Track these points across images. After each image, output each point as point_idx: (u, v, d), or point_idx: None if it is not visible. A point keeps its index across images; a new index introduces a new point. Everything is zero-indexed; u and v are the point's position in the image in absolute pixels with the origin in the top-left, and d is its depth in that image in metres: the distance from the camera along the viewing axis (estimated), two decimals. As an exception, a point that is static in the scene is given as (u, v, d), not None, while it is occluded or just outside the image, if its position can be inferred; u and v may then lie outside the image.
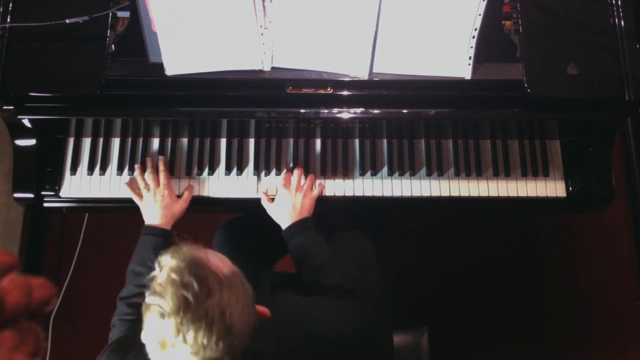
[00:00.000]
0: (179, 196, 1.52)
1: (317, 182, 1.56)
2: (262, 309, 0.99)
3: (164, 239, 1.42)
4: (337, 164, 1.57)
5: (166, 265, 0.90)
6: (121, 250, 2.29)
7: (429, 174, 1.57)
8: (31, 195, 1.51)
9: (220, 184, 1.56)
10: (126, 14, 1.41)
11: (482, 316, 2.30)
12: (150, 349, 0.89)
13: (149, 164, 1.53)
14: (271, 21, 1.37)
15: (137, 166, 1.53)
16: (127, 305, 1.35)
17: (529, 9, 1.43)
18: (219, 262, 0.94)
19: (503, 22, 1.44)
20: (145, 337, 0.90)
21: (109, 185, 1.55)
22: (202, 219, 2.32)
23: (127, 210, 1.59)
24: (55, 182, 1.53)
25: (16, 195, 1.52)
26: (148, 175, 1.51)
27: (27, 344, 0.49)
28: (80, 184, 1.55)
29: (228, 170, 1.56)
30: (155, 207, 1.47)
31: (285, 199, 1.48)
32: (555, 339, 2.29)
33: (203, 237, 2.41)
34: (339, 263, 1.41)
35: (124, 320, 1.34)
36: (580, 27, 1.44)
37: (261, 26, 1.37)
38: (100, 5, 1.39)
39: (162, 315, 0.85)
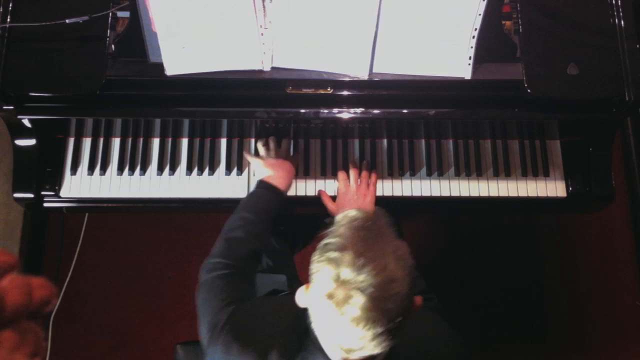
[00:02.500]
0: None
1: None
2: (417, 298, 1.00)
3: (277, 197, 1.42)
4: (337, 164, 1.57)
5: (350, 215, 0.97)
6: (121, 250, 2.31)
7: (429, 174, 1.57)
8: (31, 195, 1.51)
9: (221, 184, 1.56)
10: (126, 14, 1.41)
11: (482, 316, 2.30)
12: (319, 290, 0.92)
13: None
14: (271, 21, 1.37)
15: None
16: (233, 250, 1.33)
17: (529, 9, 1.43)
18: (395, 233, 0.99)
19: (503, 22, 1.44)
20: (318, 277, 0.93)
21: (109, 185, 1.55)
22: (202, 219, 2.32)
23: (127, 210, 1.60)
24: (55, 182, 1.53)
25: (16, 195, 1.52)
26: (272, 142, 1.53)
27: (27, 344, 0.49)
28: (80, 184, 1.55)
29: (228, 170, 1.56)
30: (274, 165, 1.47)
31: (347, 201, 1.49)
32: (555, 338, 2.29)
33: (203, 238, 2.42)
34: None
35: (224, 276, 1.28)
36: (580, 27, 1.44)
37: (261, 26, 1.37)
38: (100, 5, 1.39)
39: (341, 249, 0.90)
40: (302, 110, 1.43)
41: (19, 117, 1.42)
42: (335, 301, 0.89)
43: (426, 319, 1.20)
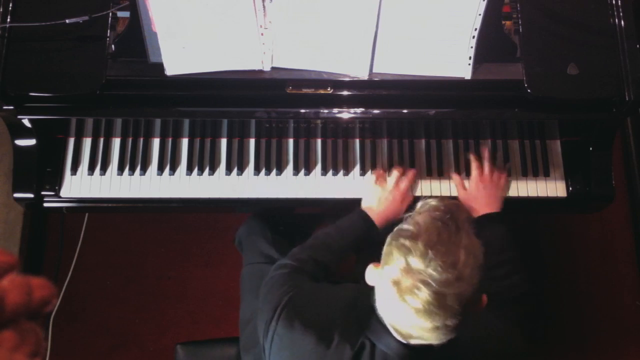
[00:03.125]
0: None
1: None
2: (484, 297, 1.00)
3: (371, 235, 1.42)
4: (337, 164, 1.57)
5: (431, 205, 0.97)
6: (121, 250, 2.31)
7: (429, 174, 1.57)
8: (31, 195, 1.51)
9: (221, 184, 1.56)
10: (126, 14, 1.41)
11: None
12: (386, 275, 0.93)
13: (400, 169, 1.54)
14: (271, 21, 1.37)
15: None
16: (306, 254, 1.33)
17: (529, 9, 1.43)
18: (472, 229, 0.98)
19: (503, 22, 1.44)
20: (388, 262, 0.94)
21: (109, 185, 1.55)
22: (202, 219, 2.32)
23: (127, 210, 1.60)
24: (55, 182, 1.53)
25: (16, 195, 1.52)
26: (395, 173, 1.52)
27: (27, 344, 0.49)
28: (80, 184, 1.55)
29: (228, 170, 1.56)
30: (384, 202, 1.47)
31: (487, 188, 1.49)
32: (555, 338, 2.29)
33: (203, 237, 2.42)
34: (523, 265, 1.41)
35: (294, 268, 1.28)
36: (580, 27, 1.44)
37: (261, 26, 1.37)
38: (100, 5, 1.39)
39: (415, 239, 0.91)
40: (302, 110, 1.43)
41: (19, 117, 1.42)
42: (399, 289, 0.90)
43: (492, 317, 1.20)
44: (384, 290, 0.94)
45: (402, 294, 0.90)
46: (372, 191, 1.50)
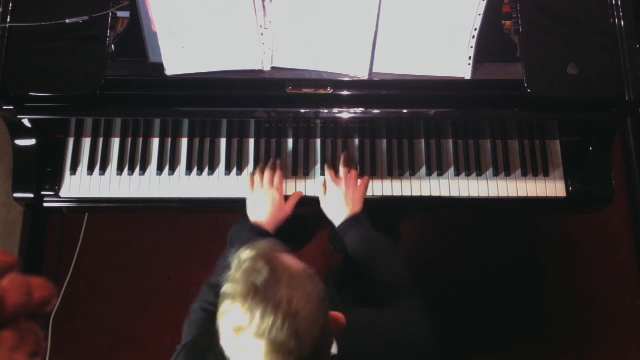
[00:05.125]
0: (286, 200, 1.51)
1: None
2: (337, 314, 1.00)
3: None
4: (337, 164, 1.57)
5: (242, 258, 0.95)
6: (121, 250, 2.31)
7: (429, 174, 1.57)
8: (31, 195, 1.51)
9: (220, 184, 1.56)
10: (126, 14, 1.41)
11: (482, 316, 2.30)
12: (224, 337, 0.93)
13: (270, 162, 1.53)
14: (271, 21, 1.37)
15: (261, 162, 1.55)
16: (215, 293, 1.31)
17: (529, 9, 1.43)
18: (294, 261, 0.97)
19: (503, 22, 1.44)
20: (220, 326, 0.93)
21: (109, 185, 1.55)
22: (202, 219, 2.32)
23: (127, 210, 1.60)
24: (55, 182, 1.53)
25: (16, 195, 1.52)
26: (266, 172, 1.50)
27: (27, 344, 0.49)
28: (80, 184, 1.55)
29: (228, 170, 1.56)
30: (264, 205, 1.46)
31: (336, 194, 1.47)
32: (555, 339, 2.29)
33: (203, 237, 2.41)
34: (399, 258, 1.40)
35: (205, 310, 1.30)
36: (580, 27, 1.44)
37: (261, 26, 1.37)
38: (100, 5, 1.39)
39: (233, 299, 0.90)
40: (302, 110, 1.43)
41: (19, 117, 1.42)
42: (240, 349, 0.89)
43: (398, 320, 1.22)
44: (228, 349, 0.93)
45: (242, 351, 0.89)
46: (252, 197, 1.49)
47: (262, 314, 0.87)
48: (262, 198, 1.47)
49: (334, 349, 1.02)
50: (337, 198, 1.47)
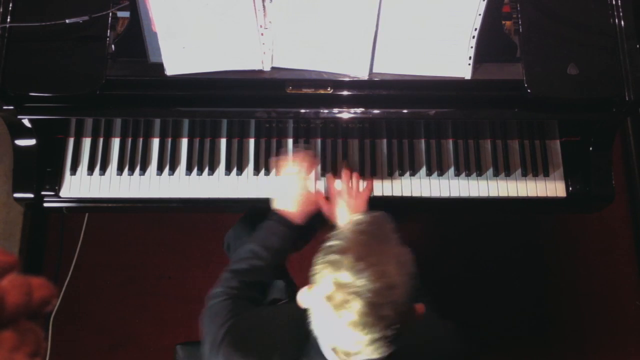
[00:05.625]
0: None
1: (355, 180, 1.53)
2: (419, 306, 1.00)
3: (293, 233, 1.35)
4: (337, 164, 1.57)
5: (354, 219, 0.97)
6: (121, 250, 2.31)
7: (429, 174, 1.57)
8: (31, 195, 1.51)
9: (220, 184, 1.56)
10: (126, 14, 1.41)
11: (482, 316, 2.30)
12: (319, 293, 0.92)
13: (306, 152, 1.47)
14: (271, 21, 1.37)
15: (298, 150, 1.52)
16: (237, 281, 1.29)
17: (529, 9, 1.43)
18: (398, 238, 0.98)
19: (503, 22, 1.44)
20: (319, 280, 0.93)
21: (109, 185, 1.55)
22: (202, 219, 2.32)
23: (127, 210, 1.59)
24: (55, 182, 1.53)
25: (16, 195, 1.52)
26: (302, 163, 1.43)
27: (27, 344, 0.49)
28: (80, 184, 1.55)
29: (228, 170, 1.56)
30: (293, 196, 1.38)
31: (340, 206, 1.45)
32: (556, 339, 2.29)
33: (203, 237, 2.41)
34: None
35: (228, 297, 1.26)
36: (580, 27, 1.44)
37: (261, 26, 1.37)
38: (100, 5, 1.39)
39: (341, 252, 0.91)
40: (302, 110, 1.43)
41: (19, 117, 1.42)
42: (333, 304, 0.89)
43: (427, 321, 1.19)
44: (319, 310, 0.93)
45: (336, 309, 0.89)
46: (284, 189, 1.40)
47: (369, 275, 0.88)
48: (296, 189, 1.39)
49: None
50: (341, 204, 1.45)
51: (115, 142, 1.58)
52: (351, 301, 0.88)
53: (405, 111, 1.44)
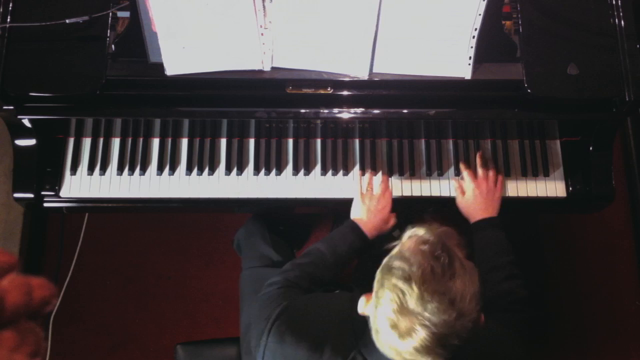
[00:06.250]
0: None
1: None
2: (482, 317, 0.97)
3: (364, 246, 1.39)
4: (337, 164, 1.57)
5: (417, 235, 0.93)
6: (121, 250, 2.31)
7: (429, 174, 1.57)
8: (31, 195, 1.51)
9: (221, 184, 1.56)
10: (126, 14, 1.41)
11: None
12: (379, 313, 0.91)
13: (382, 177, 1.50)
14: (271, 21, 1.37)
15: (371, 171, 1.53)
16: (298, 273, 1.30)
17: (529, 9, 1.43)
18: (463, 253, 0.96)
19: (503, 22, 1.44)
20: (379, 300, 0.91)
21: (109, 185, 1.55)
22: (202, 220, 2.32)
23: (127, 210, 1.59)
24: (55, 182, 1.53)
25: (16, 195, 1.52)
26: (378, 181, 1.48)
27: (27, 344, 0.49)
28: (80, 184, 1.55)
29: (228, 170, 1.56)
30: (374, 212, 1.43)
31: (475, 195, 1.47)
32: (556, 338, 2.29)
33: (203, 237, 2.42)
34: (521, 273, 1.39)
35: (288, 282, 1.27)
36: (580, 27, 1.44)
37: (261, 26, 1.37)
38: (100, 5, 1.39)
39: (407, 280, 0.87)
40: (302, 110, 1.43)
41: (19, 117, 1.42)
42: (398, 331, 0.88)
43: (492, 323, 1.17)
44: (380, 327, 0.92)
45: (401, 336, 0.88)
46: (360, 201, 1.46)
47: (437, 305, 0.85)
48: (374, 206, 1.43)
49: None
50: (477, 199, 1.47)
51: (115, 142, 1.57)
52: (417, 332, 0.86)
53: (405, 111, 1.44)
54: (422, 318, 0.85)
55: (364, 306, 1.00)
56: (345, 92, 1.42)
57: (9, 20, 1.38)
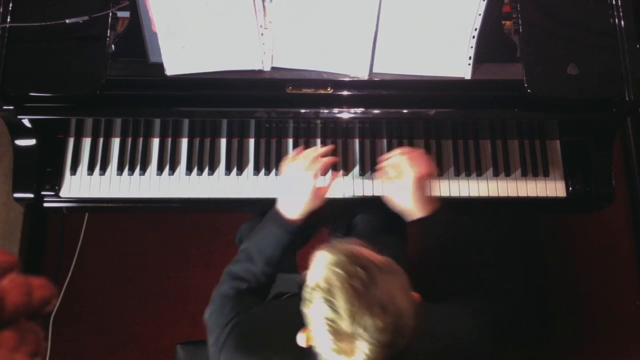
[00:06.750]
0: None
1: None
2: (415, 294, 0.97)
3: (292, 237, 1.28)
4: (337, 164, 1.57)
5: (326, 262, 0.91)
6: (121, 250, 2.31)
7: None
8: (31, 195, 1.51)
9: (220, 184, 1.56)
10: (126, 14, 1.41)
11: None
12: (320, 344, 0.90)
13: (320, 148, 1.37)
14: (271, 21, 1.37)
15: (301, 147, 1.46)
16: (237, 281, 1.28)
17: (529, 9, 1.43)
18: (370, 252, 0.95)
19: (503, 22, 1.45)
20: (316, 333, 0.90)
21: (109, 185, 1.55)
22: (202, 220, 2.32)
23: (127, 210, 1.59)
24: (55, 182, 1.53)
25: (16, 195, 1.52)
26: (315, 156, 1.31)
27: (27, 344, 0.49)
28: (80, 184, 1.55)
29: (228, 170, 1.56)
30: (301, 189, 1.27)
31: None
32: (556, 338, 2.29)
33: (203, 237, 2.41)
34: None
35: (233, 293, 1.24)
36: (580, 27, 1.44)
37: (261, 26, 1.37)
38: (100, 5, 1.39)
39: (333, 309, 0.87)
40: (302, 110, 1.43)
41: (19, 117, 1.42)
42: (345, 354, 0.87)
43: (446, 315, 1.16)
44: (329, 357, 0.90)
45: (348, 355, 0.87)
46: (285, 182, 1.31)
47: (370, 320, 0.85)
48: (299, 183, 1.28)
49: None
50: (420, 180, 1.29)
51: (115, 142, 1.57)
52: (362, 349, 0.85)
53: (405, 111, 1.44)
54: (361, 337, 0.85)
55: (305, 341, 0.98)
56: (345, 92, 1.42)
57: (9, 20, 1.39)
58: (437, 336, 1.09)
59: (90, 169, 1.55)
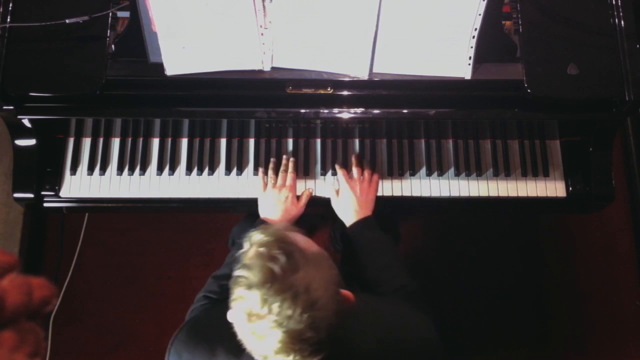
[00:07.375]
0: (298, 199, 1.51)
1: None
2: (347, 293, 0.98)
3: None
4: (337, 162, 1.57)
5: (255, 241, 0.93)
6: (121, 250, 2.31)
7: (428, 174, 1.57)
8: (31, 195, 1.51)
9: (220, 184, 1.56)
10: (126, 14, 1.41)
11: (482, 316, 2.30)
12: (237, 322, 0.92)
13: (283, 162, 1.54)
14: (271, 21, 1.37)
15: (272, 160, 1.55)
16: (218, 285, 1.34)
17: (529, 9, 1.43)
18: (307, 242, 0.96)
19: (503, 22, 1.44)
20: (233, 310, 0.92)
21: (109, 185, 1.55)
22: (202, 220, 2.32)
23: (127, 210, 1.59)
24: (55, 182, 1.53)
25: (16, 195, 1.52)
26: (281, 172, 1.52)
27: (27, 344, 0.49)
28: (80, 184, 1.55)
29: (228, 170, 1.56)
30: (277, 204, 1.46)
31: (349, 196, 1.47)
32: (556, 338, 2.29)
33: (203, 237, 2.41)
34: (403, 263, 1.41)
35: (208, 298, 1.33)
36: (580, 27, 1.44)
37: (261, 26, 1.37)
38: (100, 5, 1.39)
39: (249, 287, 0.88)
40: (302, 110, 1.43)
41: (19, 117, 1.42)
42: (256, 336, 0.88)
43: (395, 310, 1.21)
44: (242, 335, 0.92)
45: (258, 338, 0.88)
46: (264, 197, 1.49)
47: (280, 304, 0.85)
48: (275, 196, 1.47)
49: None
50: (350, 200, 1.47)
51: (115, 142, 1.58)
52: (271, 333, 0.86)
53: (405, 111, 1.44)
54: (269, 320, 0.86)
55: (231, 317, 1.00)
56: (345, 92, 1.42)
57: (9, 20, 1.38)
58: (378, 326, 1.12)
59: (90, 169, 1.55)
